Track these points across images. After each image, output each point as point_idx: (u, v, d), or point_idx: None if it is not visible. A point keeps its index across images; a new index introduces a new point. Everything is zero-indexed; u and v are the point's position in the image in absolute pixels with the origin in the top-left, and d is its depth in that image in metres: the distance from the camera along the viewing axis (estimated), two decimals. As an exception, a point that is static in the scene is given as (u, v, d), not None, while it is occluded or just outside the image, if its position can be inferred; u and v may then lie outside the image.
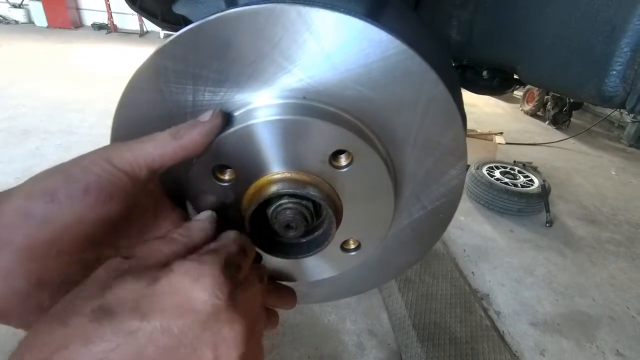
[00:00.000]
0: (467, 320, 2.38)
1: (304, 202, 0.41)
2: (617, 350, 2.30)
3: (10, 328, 0.34)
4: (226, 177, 0.41)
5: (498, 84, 1.07)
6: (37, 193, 0.33)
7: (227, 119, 0.39)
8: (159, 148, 0.36)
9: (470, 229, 3.32)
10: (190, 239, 0.37)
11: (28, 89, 5.53)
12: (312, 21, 0.36)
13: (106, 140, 0.41)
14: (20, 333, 0.31)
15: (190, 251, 0.36)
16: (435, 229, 0.50)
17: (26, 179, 0.34)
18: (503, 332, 2.34)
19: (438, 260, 2.83)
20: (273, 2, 0.35)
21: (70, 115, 4.76)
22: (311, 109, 0.38)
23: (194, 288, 0.30)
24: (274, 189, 0.39)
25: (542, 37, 0.66)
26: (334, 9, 0.36)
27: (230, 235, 0.39)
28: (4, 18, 10.28)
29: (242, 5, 0.36)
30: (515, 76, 0.95)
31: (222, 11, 0.36)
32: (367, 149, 0.38)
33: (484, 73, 1.05)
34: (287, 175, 0.39)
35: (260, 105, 0.39)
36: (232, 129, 0.37)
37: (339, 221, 0.42)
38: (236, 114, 0.39)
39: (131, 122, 0.40)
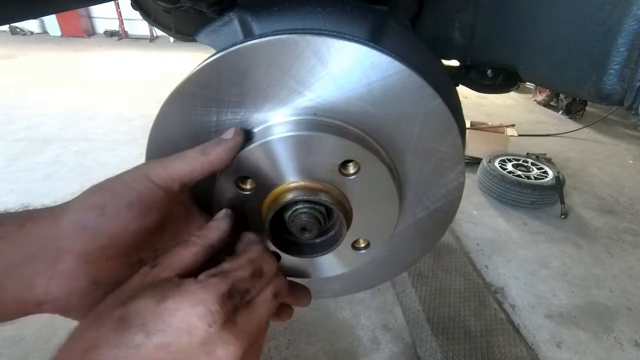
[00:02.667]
0: (481, 314, 2.39)
1: (317, 207, 0.46)
2: (636, 341, 2.29)
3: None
4: (247, 186, 0.46)
5: (502, 82, 1.09)
6: (90, 207, 0.39)
7: (247, 135, 0.44)
8: (190, 165, 0.41)
9: (483, 222, 3.32)
10: (206, 239, 0.42)
11: (44, 98, 5.72)
12: (319, 49, 0.40)
13: (120, 145, 0.47)
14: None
15: (209, 251, 0.41)
16: (438, 227, 0.55)
17: (47, 186, 0.40)
18: (518, 325, 2.35)
19: (451, 255, 2.85)
20: (285, 33, 0.40)
21: (85, 122, 4.91)
22: (321, 124, 0.43)
23: (191, 314, 0.34)
24: (290, 196, 0.44)
25: (541, 38, 0.69)
26: (338, 37, 0.40)
27: (250, 247, 0.42)
28: (20, 29, 10.61)
29: (258, 37, 0.40)
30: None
31: (240, 42, 0.41)
32: (372, 158, 0.43)
33: (488, 72, 1.08)
34: (302, 183, 0.44)
35: (276, 123, 0.44)
36: (252, 145, 0.42)
37: (349, 223, 0.47)
38: (255, 130, 0.44)
39: (163, 142, 0.46)
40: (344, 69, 0.41)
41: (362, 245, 0.53)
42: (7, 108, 5.24)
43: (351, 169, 0.45)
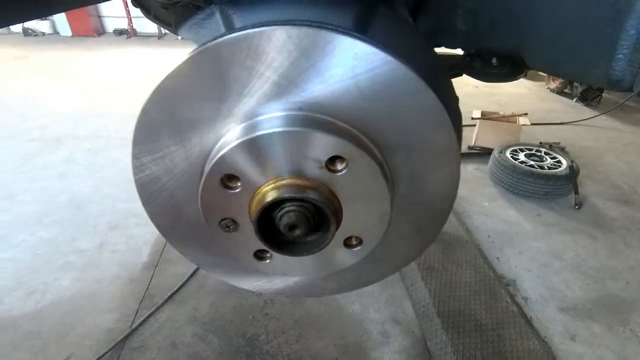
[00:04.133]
0: (492, 307, 2.36)
1: (305, 204, 0.45)
2: (653, 334, 2.23)
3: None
4: (234, 184, 0.45)
5: (508, 71, 1.05)
6: None
7: None
8: None
9: (495, 214, 3.26)
10: None
11: (56, 97, 5.83)
12: (301, 41, 0.38)
13: (129, 143, 0.46)
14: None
15: None
16: (433, 223, 0.53)
17: (62, 184, 0.39)
18: (530, 317, 2.31)
19: (461, 247, 2.81)
20: (266, 25, 0.38)
21: (96, 120, 4.99)
22: (307, 119, 0.41)
23: None
24: (276, 194, 0.43)
25: (547, 23, 0.66)
26: (321, 27, 0.38)
27: None
28: (32, 30, 10.79)
29: (238, 29, 0.39)
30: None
31: (220, 36, 0.39)
32: (361, 153, 0.41)
33: (493, 60, 1.04)
34: (289, 181, 0.43)
35: (261, 119, 0.42)
36: (236, 142, 0.41)
37: (338, 221, 0.45)
38: (239, 127, 0.43)
39: (148, 141, 0.45)
40: (328, 61, 0.39)
41: (355, 242, 0.51)
42: (21, 108, 5.35)
43: (339, 165, 0.43)
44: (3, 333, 2.13)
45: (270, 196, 0.43)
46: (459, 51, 1.09)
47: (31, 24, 10.81)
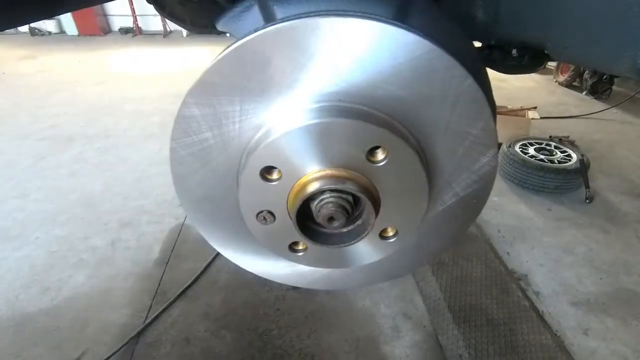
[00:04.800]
0: (504, 302, 2.35)
1: (344, 195, 0.45)
2: (668, 328, 2.21)
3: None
4: (273, 177, 0.45)
5: (528, 62, 1.04)
6: None
7: None
8: None
9: (505, 209, 3.24)
10: None
11: (65, 97, 5.87)
12: (343, 31, 0.39)
13: (140, 141, 0.46)
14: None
15: None
16: (468, 214, 0.53)
17: (73, 182, 0.38)
18: (542, 312, 2.31)
19: (472, 243, 2.80)
20: (308, 16, 0.38)
21: (106, 119, 5.02)
22: (347, 110, 0.42)
23: None
24: (316, 185, 0.43)
25: (572, 12, 0.65)
26: (363, 17, 0.38)
27: None
28: (39, 30, 10.86)
29: (280, 21, 0.39)
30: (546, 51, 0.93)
31: (262, 27, 0.39)
32: (401, 143, 0.41)
33: (513, 52, 1.03)
34: (328, 172, 0.43)
35: (301, 110, 0.42)
36: (277, 134, 0.41)
37: (377, 212, 0.45)
38: (280, 119, 0.43)
39: (187, 134, 0.46)
40: (370, 50, 0.39)
41: (390, 233, 0.51)
42: (31, 108, 5.41)
43: (379, 155, 0.43)
44: (21, 329, 2.16)
45: (312, 187, 0.43)
46: (477, 43, 1.08)
47: (38, 24, 10.89)
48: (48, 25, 10.94)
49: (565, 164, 3.41)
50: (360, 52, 0.40)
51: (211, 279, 2.53)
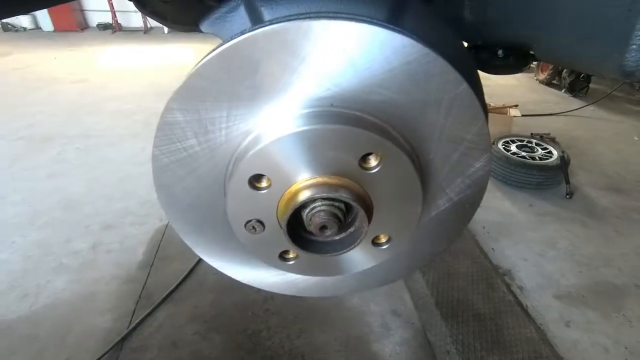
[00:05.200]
0: (490, 297, 2.39)
1: (336, 203, 0.44)
2: (645, 319, 2.29)
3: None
4: (262, 185, 0.43)
5: (514, 62, 1.05)
6: None
7: None
8: None
9: (489, 205, 3.29)
10: None
11: (43, 95, 5.67)
12: (336, 34, 0.37)
13: (122, 141, 0.44)
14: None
15: None
16: (461, 218, 0.52)
17: (52, 184, 0.36)
18: (527, 306, 2.36)
19: (458, 239, 2.84)
20: (299, 18, 0.37)
21: (86, 118, 4.88)
22: (339, 115, 0.40)
23: None
24: (308, 194, 0.41)
25: (560, 13, 0.65)
26: (356, 20, 0.37)
27: None
28: (12, 26, 10.45)
29: (269, 23, 0.37)
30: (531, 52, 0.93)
31: (250, 29, 0.37)
32: (395, 149, 0.40)
33: (499, 52, 1.03)
34: (320, 180, 0.42)
35: (292, 116, 0.41)
36: (266, 142, 0.39)
37: (370, 219, 0.44)
38: (269, 125, 0.41)
39: (170, 142, 0.43)
40: (363, 54, 0.38)
41: (383, 240, 0.50)
42: (6, 106, 5.20)
43: (372, 162, 0.42)
44: (-1, 337, 2.08)
45: (303, 196, 0.42)
46: (464, 43, 1.08)
47: (11, 19, 10.48)
48: (22, 20, 10.54)
49: (547, 161, 3.49)
50: (353, 55, 0.38)
51: (198, 280, 2.49)
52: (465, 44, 1.12)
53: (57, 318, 2.19)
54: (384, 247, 0.50)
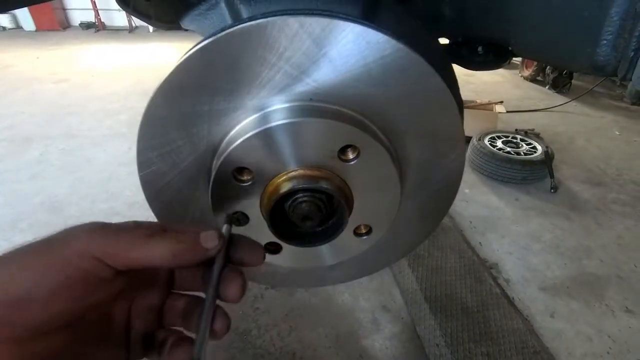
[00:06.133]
0: (477, 290, 2.44)
1: (317, 195, 0.45)
2: (627, 307, 2.37)
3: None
4: (245, 177, 0.44)
5: (493, 59, 1.08)
6: (13, 297, 0.33)
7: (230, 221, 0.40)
8: (154, 260, 0.35)
9: (476, 200, 3.35)
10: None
11: (24, 95, 5.54)
12: (313, 30, 0.38)
13: (107, 141, 0.44)
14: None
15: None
16: (439, 208, 0.54)
17: (35, 186, 0.36)
18: (513, 298, 2.41)
19: (445, 234, 2.88)
20: (276, 15, 0.38)
21: (69, 118, 4.78)
22: (318, 109, 0.41)
23: None
24: (290, 185, 0.43)
25: (533, 10, 0.67)
26: (332, 16, 0.38)
27: None
28: (-9, 25, 10.18)
29: (248, 19, 0.38)
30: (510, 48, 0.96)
31: (230, 26, 0.38)
32: (372, 142, 0.42)
33: (479, 49, 1.06)
34: (301, 172, 0.43)
35: (272, 110, 0.42)
36: (248, 135, 0.41)
37: (350, 210, 0.46)
38: (250, 119, 0.43)
39: (154, 136, 0.44)
40: (340, 49, 0.40)
41: (364, 231, 0.52)
42: (-15, 108, 5.07)
43: (350, 154, 0.44)
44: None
45: (285, 187, 0.43)
46: (445, 40, 1.10)
47: (-10, 18, 10.20)
48: (2, 20, 10.26)
49: (531, 156, 3.57)
50: (330, 50, 0.40)
51: (187, 281, 2.47)
52: (447, 41, 1.14)
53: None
54: (365, 237, 0.52)
